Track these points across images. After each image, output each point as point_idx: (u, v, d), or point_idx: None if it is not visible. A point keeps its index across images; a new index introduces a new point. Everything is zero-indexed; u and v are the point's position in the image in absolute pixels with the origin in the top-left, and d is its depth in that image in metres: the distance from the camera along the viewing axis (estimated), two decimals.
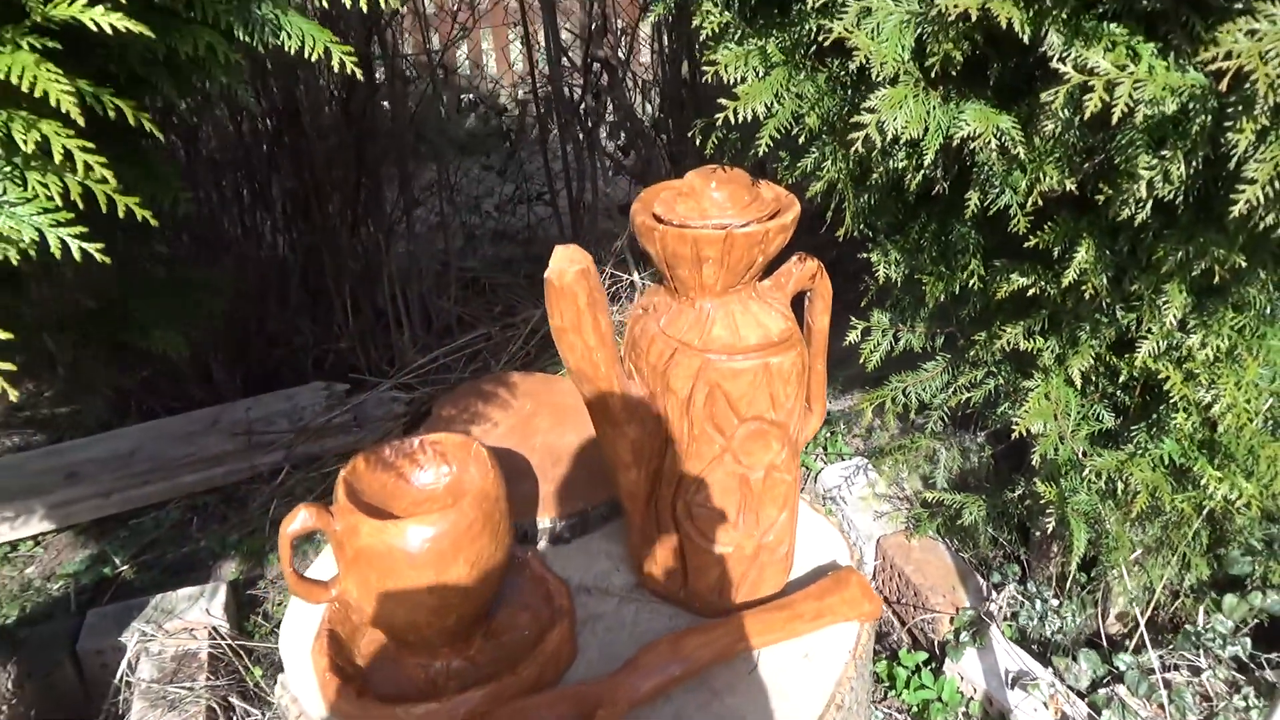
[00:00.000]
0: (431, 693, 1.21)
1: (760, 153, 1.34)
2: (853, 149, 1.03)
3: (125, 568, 1.93)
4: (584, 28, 2.59)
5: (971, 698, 1.48)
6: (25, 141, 0.70)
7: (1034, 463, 1.47)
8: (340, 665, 1.25)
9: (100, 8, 0.76)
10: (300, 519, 1.15)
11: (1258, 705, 1.38)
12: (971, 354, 1.40)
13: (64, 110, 0.70)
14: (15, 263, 0.72)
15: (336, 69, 1.01)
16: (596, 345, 1.16)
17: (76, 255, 0.82)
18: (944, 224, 1.24)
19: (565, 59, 2.58)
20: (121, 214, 0.83)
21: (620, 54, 2.56)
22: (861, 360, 1.49)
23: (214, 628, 1.63)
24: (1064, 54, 0.82)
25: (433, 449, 1.28)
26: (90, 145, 0.76)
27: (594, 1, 2.52)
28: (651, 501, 1.31)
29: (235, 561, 1.93)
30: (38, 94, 0.68)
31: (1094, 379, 1.31)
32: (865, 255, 1.33)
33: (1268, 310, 1.14)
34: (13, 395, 0.79)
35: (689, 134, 1.50)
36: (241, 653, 1.61)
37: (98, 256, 0.78)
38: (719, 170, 1.15)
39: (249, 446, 2.18)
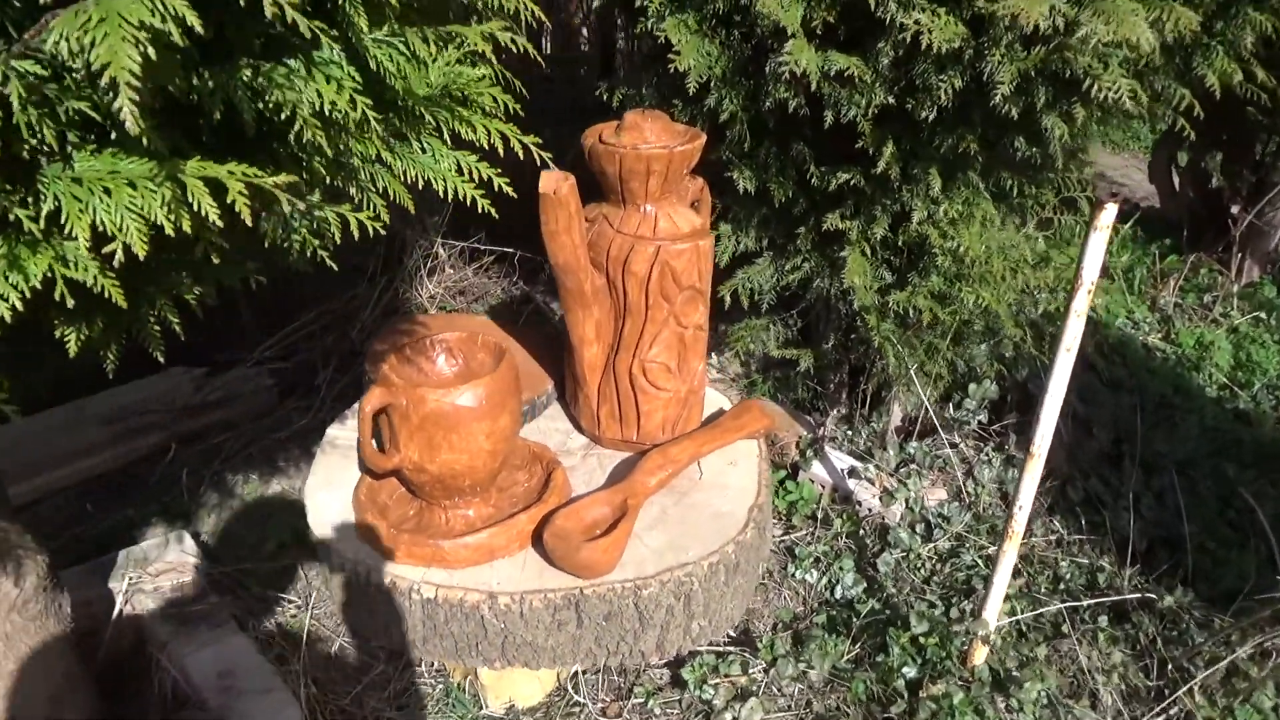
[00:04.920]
0: (475, 531, 1.54)
1: (650, 102, 1.82)
2: (742, 88, 1.55)
3: None
4: None
5: (822, 492, 2.06)
6: None
7: (840, 320, 2.08)
8: (399, 527, 1.55)
9: None
10: (377, 396, 1.45)
11: (995, 455, 2.09)
12: (792, 246, 1.98)
13: None
14: None
15: None
16: (579, 243, 1.57)
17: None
18: (784, 145, 1.79)
19: None
20: None
21: None
22: (716, 260, 2.01)
23: (196, 564, 1.78)
24: (897, 14, 1.38)
25: (441, 346, 1.62)
26: None
27: None
28: (609, 369, 1.73)
29: (160, 526, 2.03)
30: None
31: (878, 250, 1.93)
32: (728, 175, 1.85)
33: (980, 186, 1.82)
34: None
35: None
36: (235, 576, 1.78)
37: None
38: (647, 111, 1.61)
39: (127, 431, 2.24)
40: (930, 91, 1.48)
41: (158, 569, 1.76)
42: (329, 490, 1.70)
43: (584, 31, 3.39)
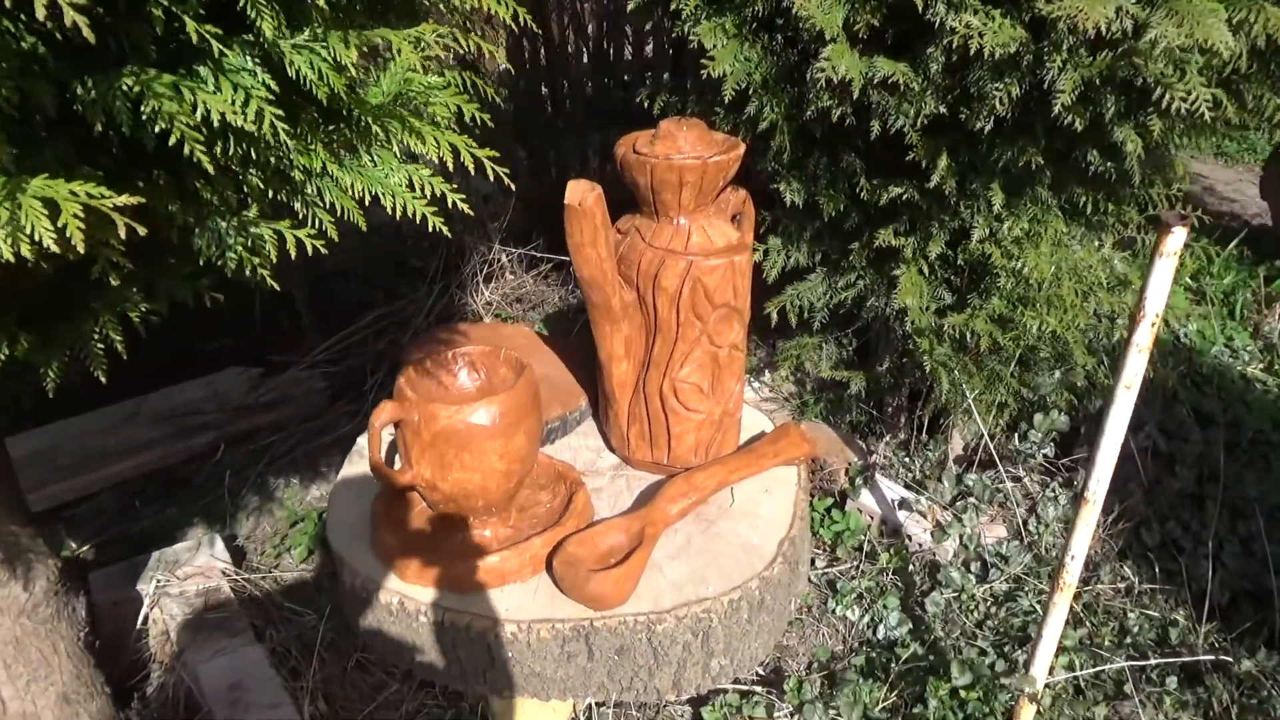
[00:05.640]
0: (489, 552, 1.48)
1: (693, 109, 1.74)
2: (786, 96, 1.46)
3: (83, 549, 2.00)
4: None
5: (870, 523, 1.95)
6: None
7: (896, 340, 1.96)
8: (412, 544, 1.51)
9: None
10: (387, 411, 1.41)
11: (1062, 492, 1.93)
12: (845, 262, 1.87)
13: None
14: None
15: None
16: (606, 256, 1.50)
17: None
18: (834, 156, 1.68)
19: None
20: None
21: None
22: (764, 275, 1.92)
23: (223, 569, 1.78)
24: (946, 17, 1.27)
25: (463, 359, 1.57)
26: None
27: None
28: (639, 387, 1.66)
29: (201, 527, 2.04)
30: None
31: (936, 269, 1.80)
32: (774, 187, 1.76)
33: (1051, 203, 1.68)
34: None
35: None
36: (261, 584, 1.77)
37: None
38: (683, 119, 1.53)
39: (180, 430, 2.28)
40: (985, 100, 1.36)
41: (186, 573, 1.76)
42: (351, 500, 1.67)
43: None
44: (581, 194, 1.43)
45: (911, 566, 1.87)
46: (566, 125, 3.04)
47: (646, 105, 1.73)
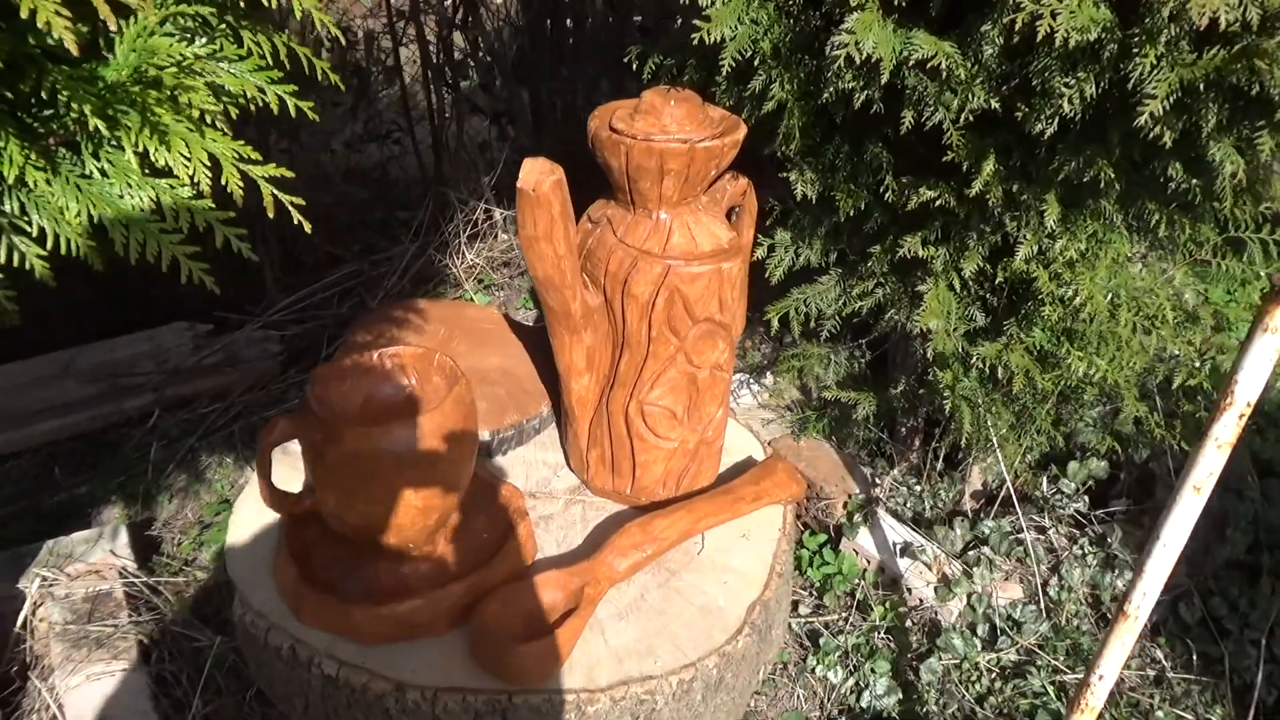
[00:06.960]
0: (404, 594, 1.25)
1: (693, 77, 1.45)
2: (801, 69, 1.17)
3: None
4: None
5: (866, 568, 1.70)
6: None
7: (915, 361, 1.69)
8: (311, 577, 1.27)
9: None
10: (280, 430, 1.17)
11: (1093, 551, 1.67)
12: (864, 267, 1.59)
13: None
14: None
15: None
16: (565, 253, 1.23)
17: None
18: (857, 146, 1.40)
19: None
20: None
21: None
22: (766, 275, 1.64)
23: (122, 568, 1.57)
24: None
25: (391, 362, 1.31)
26: None
27: None
28: (602, 406, 1.40)
29: (118, 506, 1.83)
30: None
31: (969, 284, 1.52)
32: (783, 175, 1.47)
33: (1116, 219, 1.39)
34: None
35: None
36: (160, 589, 1.56)
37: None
38: (673, 90, 1.25)
39: (113, 390, 2.06)
40: (1050, 97, 1.07)
41: (77, 570, 1.55)
42: (262, 508, 1.44)
43: None
44: (537, 177, 1.16)
45: (909, 623, 1.63)
46: (574, 70, 2.74)
47: (635, 67, 1.44)
